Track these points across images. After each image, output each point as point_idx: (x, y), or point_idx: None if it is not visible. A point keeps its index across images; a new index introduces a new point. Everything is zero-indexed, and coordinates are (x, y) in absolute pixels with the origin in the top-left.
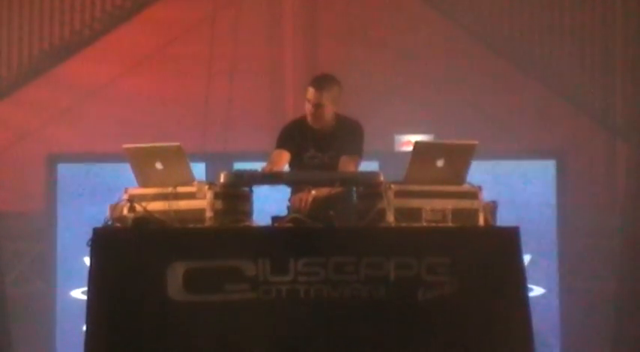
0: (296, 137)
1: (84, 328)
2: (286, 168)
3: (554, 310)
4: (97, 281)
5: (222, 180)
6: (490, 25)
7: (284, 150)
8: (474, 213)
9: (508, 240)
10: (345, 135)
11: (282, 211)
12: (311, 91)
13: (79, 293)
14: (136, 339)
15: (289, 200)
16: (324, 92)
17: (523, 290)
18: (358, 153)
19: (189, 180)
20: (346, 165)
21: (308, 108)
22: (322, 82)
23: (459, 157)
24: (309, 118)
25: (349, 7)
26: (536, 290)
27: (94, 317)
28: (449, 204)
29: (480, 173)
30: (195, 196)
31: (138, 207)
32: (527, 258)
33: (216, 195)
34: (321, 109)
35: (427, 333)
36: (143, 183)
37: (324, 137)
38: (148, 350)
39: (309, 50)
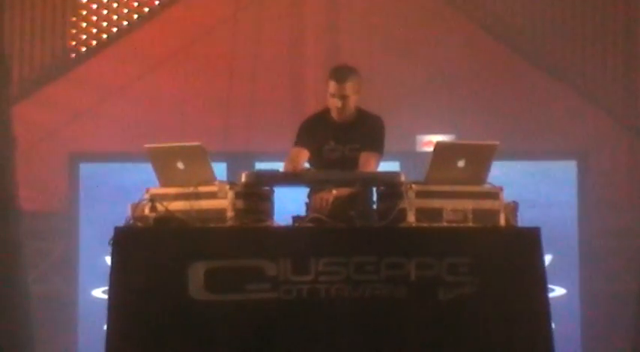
0: (316, 130)
1: (105, 327)
2: (305, 165)
3: (575, 310)
4: (118, 280)
5: (243, 179)
6: (513, 27)
7: (303, 149)
8: (494, 214)
9: (529, 241)
10: (366, 129)
11: (301, 210)
12: (334, 85)
13: (100, 293)
14: (157, 338)
15: (308, 197)
16: (347, 83)
17: (544, 290)
18: (379, 150)
19: (210, 180)
20: (367, 161)
21: (333, 102)
22: (343, 73)
23: (480, 157)
24: (334, 112)
25: (371, 8)
26: (557, 291)
27: (116, 316)
28: (470, 205)
29: (501, 173)
30: (217, 196)
31: (159, 207)
32: (548, 258)
33: (238, 195)
34: (347, 101)
35: (448, 333)
36: (164, 183)
37: (344, 129)
38: (168, 349)
39: (331, 50)
